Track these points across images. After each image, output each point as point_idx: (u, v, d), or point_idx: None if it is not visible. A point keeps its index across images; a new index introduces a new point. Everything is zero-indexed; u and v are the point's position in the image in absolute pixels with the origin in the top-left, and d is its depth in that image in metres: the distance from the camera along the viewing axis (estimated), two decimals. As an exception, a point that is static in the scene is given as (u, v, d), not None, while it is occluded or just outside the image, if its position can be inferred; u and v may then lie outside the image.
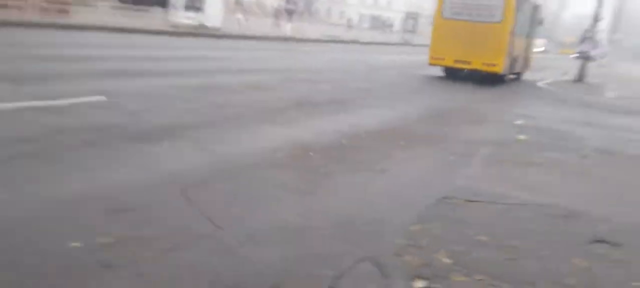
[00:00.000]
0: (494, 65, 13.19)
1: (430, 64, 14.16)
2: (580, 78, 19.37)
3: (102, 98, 6.16)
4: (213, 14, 21.71)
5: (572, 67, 24.23)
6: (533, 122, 8.33)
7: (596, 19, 19.70)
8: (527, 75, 17.97)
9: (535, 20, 17.07)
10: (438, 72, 14.99)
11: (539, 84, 16.77)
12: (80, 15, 18.40)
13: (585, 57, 19.96)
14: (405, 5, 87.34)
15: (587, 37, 19.77)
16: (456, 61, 13.57)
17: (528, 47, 17.05)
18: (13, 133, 4.39)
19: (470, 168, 5.06)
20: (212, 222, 3.12)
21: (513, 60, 14.45)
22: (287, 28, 25.19)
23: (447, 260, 2.92)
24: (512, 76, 15.60)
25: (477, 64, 13.35)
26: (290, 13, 26.66)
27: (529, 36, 16.87)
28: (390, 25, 53.54)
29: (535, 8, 16.91)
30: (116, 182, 3.60)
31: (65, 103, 5.69)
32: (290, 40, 24.34)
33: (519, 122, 8.14)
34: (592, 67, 21.50)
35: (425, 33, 61.41)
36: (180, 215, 3.19)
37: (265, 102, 7.41)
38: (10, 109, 5.18)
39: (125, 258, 2.55)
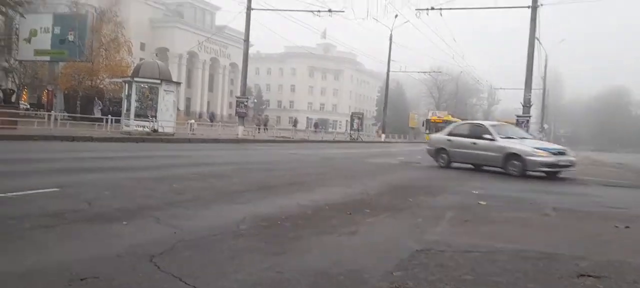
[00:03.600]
0: None
1: None
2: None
3: (56, 189, 5.88)
4: (166, 121, 21.73)
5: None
6: (489, 192, 8.53)
7: (526, 104, 21.17)
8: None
9: None
10: (388, 160, 16.70)
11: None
12: (28, 127, 17.99)
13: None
14: (349, 108, 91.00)
15: (521, 121, 21.06)
16: None
17: None
18: (-40, 220, 4.09)
19: (438, 227, 5.06)
20: (185, 283, 2.94)
21: None
22: (239, 130, 25.49)
23: (439, 296, 2.84)
24: None
25: None
26: (241, 116, 27.14)
27: None
28: (318, 126, 55.52)
29: None
30: (76, 257, 3.37)
31: (15, 195, 5.39)
32: (242, 141, 24.53)
33: (476, 192, 8.32)
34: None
35: (370, 131, 63.56)
36: (150, 280, 2.99)
37: (224, 187, 7.27)
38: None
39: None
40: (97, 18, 33.94)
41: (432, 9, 24.60)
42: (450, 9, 25.17)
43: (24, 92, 36.01)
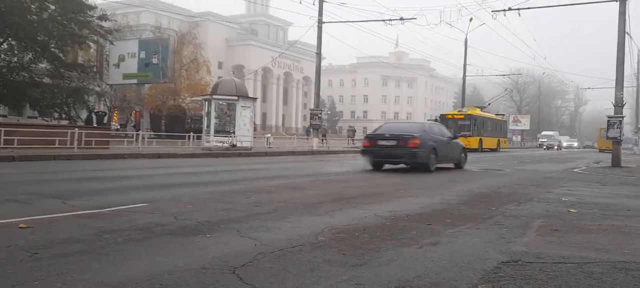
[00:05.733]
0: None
1: (599, 150, 45.99)
2: (616, 163, 19.02)
3: (144, 205, 6.20)
4: (243, 136, 22.53)
5: (603, 158, 23.93)
6: (580, 199, 8.03)
7: (618, 104, 19.66)
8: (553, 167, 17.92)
9: None
10: (468, 167, 15.91)
11: (576, 170, 16.50)
12: (118, 146, 19.27)
13: (617, 142, 19.74)
14: (424, 115, 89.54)
15: (613, 122, 19.64)
16: (605, 146, 35.33)
17: None
18: (63, 236, 4.40)
19: (525, 237, 4.80)
20: (267, 294, 2.98)
21: None
22: (314, 142, 25.87)
23: (527, 310, 2.68)
24: None
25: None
26: (315, 128, 27.56)
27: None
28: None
29: None
30: (163, 268, 3.51)
31: (109, 211, 5.75)
32: (317, 153, 24.81)
33: (565, 199, 7.85)
34: (625, 154, 21.17)
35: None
36: (233, 290, 3.05)
37: (301, 199, 7.35)
38: (60, 218, 5.28)
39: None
40: (178, 41, 35.86)
41: (509, 9, 23.71)
42: (529, 8, 24.14)
43: (115, 114, 38.56)
